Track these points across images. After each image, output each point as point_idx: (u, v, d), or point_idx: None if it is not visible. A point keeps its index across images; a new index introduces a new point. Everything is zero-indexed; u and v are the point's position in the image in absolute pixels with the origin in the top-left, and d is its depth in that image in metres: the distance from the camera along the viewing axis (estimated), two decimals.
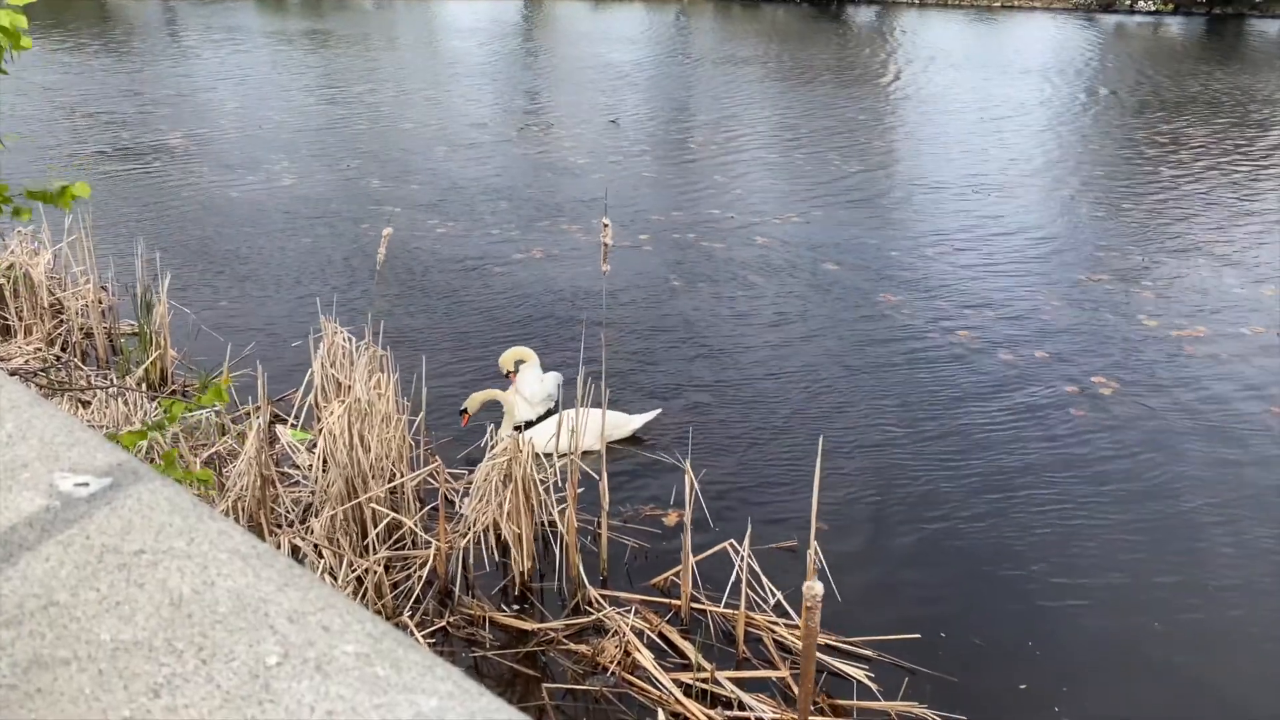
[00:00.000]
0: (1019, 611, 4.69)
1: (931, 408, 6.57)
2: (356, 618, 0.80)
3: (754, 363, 7.21)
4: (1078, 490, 5.64)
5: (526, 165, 12.96)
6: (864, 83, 19.87)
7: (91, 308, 7.05)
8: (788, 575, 4.71)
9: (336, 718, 0.70)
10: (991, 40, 25.92)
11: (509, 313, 8.06)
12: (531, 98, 18.06)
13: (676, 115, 16.74)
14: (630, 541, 5.08)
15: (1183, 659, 4.41)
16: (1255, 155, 14.08)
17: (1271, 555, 5.10)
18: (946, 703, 4.03)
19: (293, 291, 8.42)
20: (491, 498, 4.74)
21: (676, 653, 4.31)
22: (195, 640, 0.77)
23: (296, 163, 12.81)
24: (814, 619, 3.50)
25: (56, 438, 1.04)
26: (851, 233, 10.29)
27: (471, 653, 4.35)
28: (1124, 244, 10.02)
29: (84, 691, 0.73)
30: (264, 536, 4.58)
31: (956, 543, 5.17)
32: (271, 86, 18.15)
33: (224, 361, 6.15)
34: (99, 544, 0.87)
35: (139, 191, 11.30)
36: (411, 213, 10.71)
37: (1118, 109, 17.70)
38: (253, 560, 0.86)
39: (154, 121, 15.03)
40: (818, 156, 13.69)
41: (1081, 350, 7.49)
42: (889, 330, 7.81)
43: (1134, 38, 26.78)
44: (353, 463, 4.69)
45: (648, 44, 24.56)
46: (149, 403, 5.83)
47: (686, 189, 11.93)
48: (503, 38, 25.81)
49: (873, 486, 5.65)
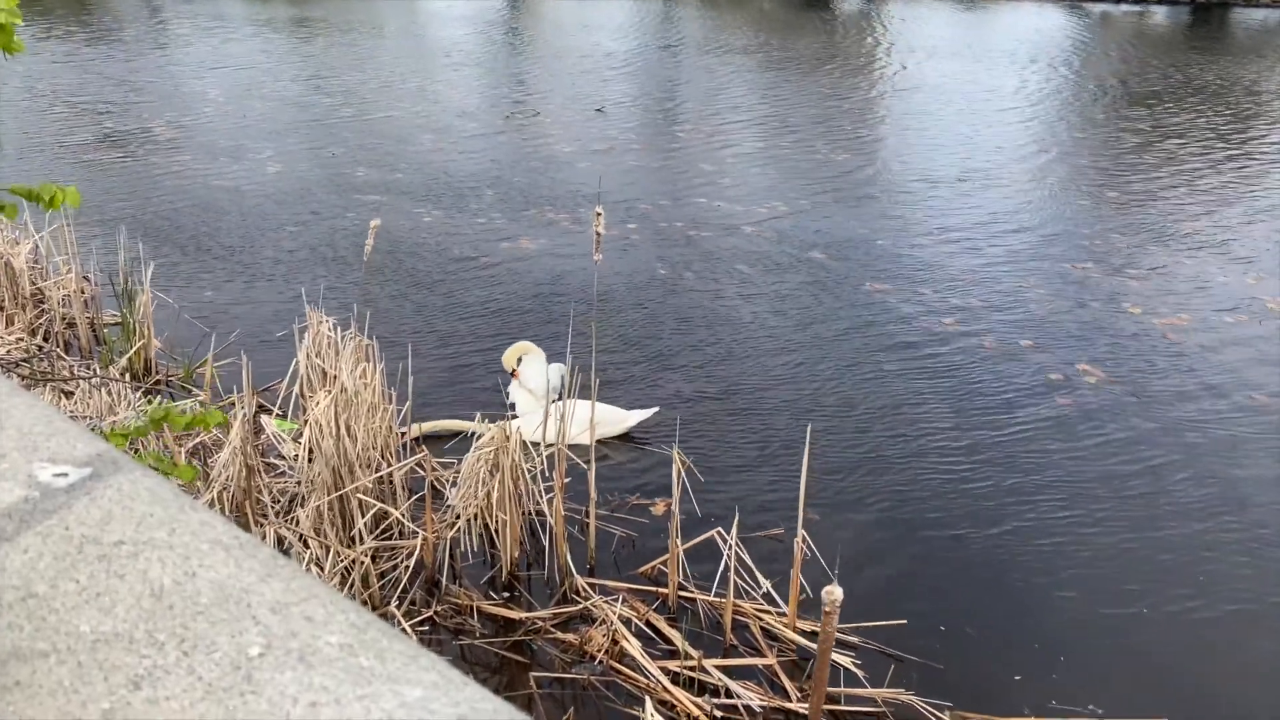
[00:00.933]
0: (1006, 599, 4.72)
1: (918, 396, 6.59)
2: (340, 608, 0.80)
3: (742, 351, 7.22)
4: (1064, 478, 5.67)
5: (513, 154, 12.91)
6: (851, 72, 19.87)
7: (74, 297, 7.00)
8: (775, 563, 4.72)
9: (320, 709, 0.69)
10: (978, 29, 25.96)
11: (496, 302, 8.04)
12: (518, 87, 17.99)
13: (664, 104, 16.70)
14: (618, 530, 5.08)
15: (1170, 646, 4.44)
16: (1240, 143, 14.15)
17: (1258, 542, 5.14)
18: (933, 690, 4.06)
19: (277, 281, 8.38)
20: (479, 487, 4.73)
21: (664, 641, 4.32)
22: (176, 632, 0.76)
23: (281, 151, 12.73)
24: (831, 624, 3.49)
25: (35, 428, 1.03)
26: (839, 222, 10.30)
27: (459, 642, 4.35)
28: (1109, 232, 10.06)
29: (63, 684, 0.72)
30: (250, 527, 4.57)
31: (944, 531, 5.19)
32: (256, 74, 18.02)
33: (208, 351, 6.12)
34: (78, 535, 0.86)
35: (122, 180, 11.21)
36: (398, 201, 10.66)
37: (1103, 97, 17.74)
38: (235, 551, 0.85)
39: (137, 109, 14.90)
40: (805, 145, 13.68)
41: (1067, 338, 7.52)
42: (876, 319, 7.82)
43: (1120, 26, 26.85)
44: (339, 453, 4.67)
45: (635, 33, 24.49)
46: (133, 393, 5.80)
47: (674, 178, 11.91)
48: (489, 27, 25.69)
49: (860, 475, 5.67)
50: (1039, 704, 4.05)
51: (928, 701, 3.99)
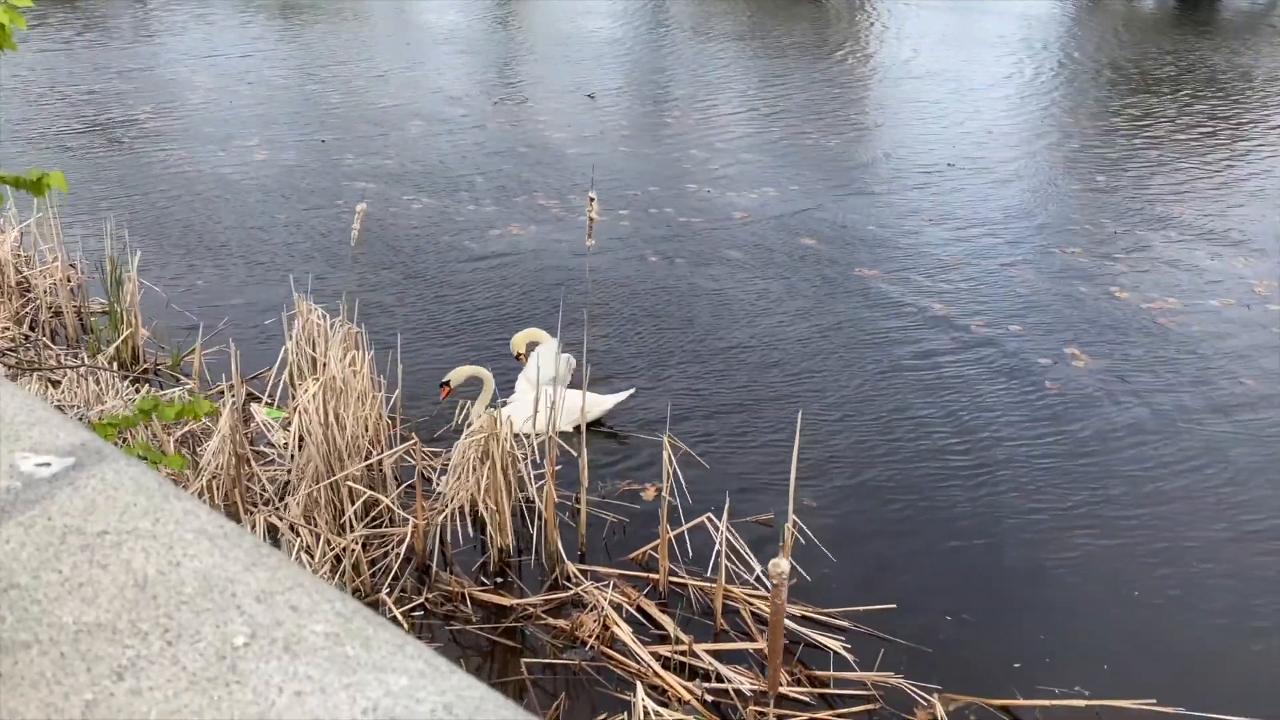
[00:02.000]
0: (995, 583, 4.74)
1: (908, 381, 6.61)
2: (326, 597, 0.79)
3: (732, 337, 7.22)
4: (1053, 462, 5.69)
5: (502, 140, 12.86)
6: (841, 59, 19.83)
7: (60, 286, 6.95)
8: (766, 548, 4.73)
9: (305, 698, 0.69)
10: (967, 15, 25.92)
11: (486, 288, 8.01)
12: (507, 73, 17.90)
13: (654, 90, 16.64)
14: (609, 516, 5.09)
15: (1159, 628, 4.48)
16: (1227, 128, 14.18)
17: (1247, 522, 5.18)
18: (922, 673, 4.08)
19: (265, 268, 8.34)
20: (469, 474, 4.72)
21: (655, 626, 4.34)
22: (160, 622, 0.76)
23: (268, 138, 12.65)
24: (780, 596, 3.51)
25: (18, 417, 1.02)
26: (829, 208, 10.29)
27: (450, 629, 4.35)
28: (1098, 216, 10.07)
29: (45, 675, 0.72)
30: (239, 516, 4.56)
31: (934, 515, 5.22)
32: (243, 61, 17.89)
33: (196, 339, 6.09)
34: (61, 525, 0.85)
35: (108, 168, 11.12)
36: (386, 188, 10.60)
37: (1092, 83, 17.76)
38: (220, 540, 0.85)
39: (123, 97, 14.78)
40: (796, 132, 13.66)
41: (1056, 322, 7.54)
42: (867, 304, 7.83)
43: (1108, 12, 26.84)
44: (328, 440, 4.66)
45: (625, 19, 24.39)
46: (120, 382, 5.77)
47: (665, 164, 11.88)
48: (477, 13, 25.55)
49: (851, 459, 5.68)
50: (1028, 686, 4.07)
51: (917, 684, 4.01)
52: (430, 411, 5.94)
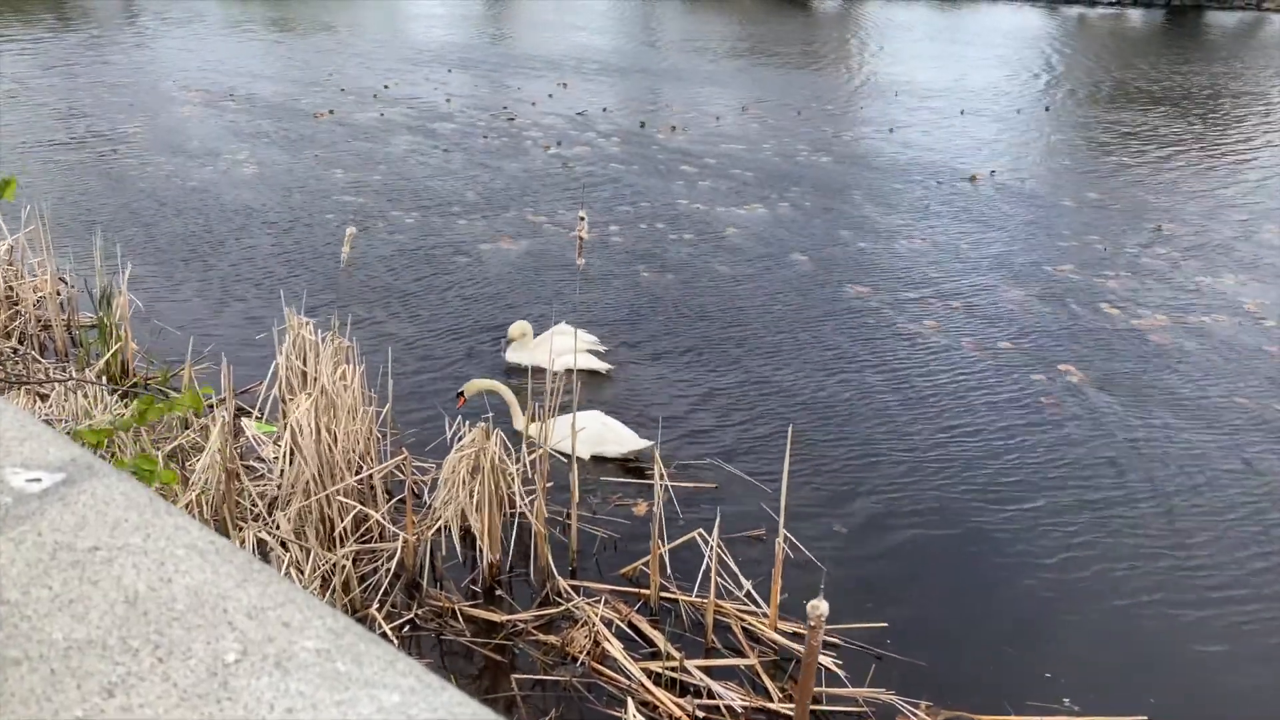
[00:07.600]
0: (987, 599, 4.74)
1: (900, 397, 6.62)
2: (317, 613, 0.79)
3: (722, 353, 7.23)
4: (1046, 478, 5.70)
5: (492, 154, 12.88)
6: (830, 72, 19.94)
7: (49, 299, 6.92)
8: (757, 564, 4.73)
9: (296, 715, 0.69)
10: (955, 30, 26.10)
11: (476, 303, 8.01)
12: (496, 86, 17.94)
13: (644, 104, 16.70)
14: (600, 531, 5.08)
15: (1149, 643, 4.48)
16: (1213, 145, 14.29)
17: (1239, 539, 5.19)
18: (913, 689, 4.08)
19: (256, 282, 8.32)
20: (459, 488, 4.71)
21: (646, 642, 4.32)
22: (151, 638, 0.75)
23: (258, 152, 12.65)
24: (816, 638, 3.48)
25: (8, 432, 1.02)
26: (819, 222, 10.33)
27: (440, 645, 4.33)
28: (1087, 234, 10.13)
29: (35, 692, 0.71)
30: (229, 531, 4.53)
31: (925, 531, 5.22)
32: (233, 75, 17.90)
33: (187, 353, 6.07)
34: (51, 541, 0.85)
35: (98, 182, 11.10)
36: (376, 202, 10.61)
37: (1080, 99, 17.88)
38: (211, 556, 0.85)
39: (113, 111, 14.77)
40: (786, 146, 13.72)
41: (1048, 338, 7.57)
42: (857, 320, 7.85)
43: (1095, 29, 27.06)
44: (319, 455, 4.64)
45: (614, 32, 24.50)
46: (110, 395, 5.74)
47: (654, 177, 11.91)
48: (467, 26, 25.62)
49: (842, 476, 5.68)
50: (1018, 701, 4.07)
51: (908, 700, 4.01)
52: (420, 426, 5.93)
